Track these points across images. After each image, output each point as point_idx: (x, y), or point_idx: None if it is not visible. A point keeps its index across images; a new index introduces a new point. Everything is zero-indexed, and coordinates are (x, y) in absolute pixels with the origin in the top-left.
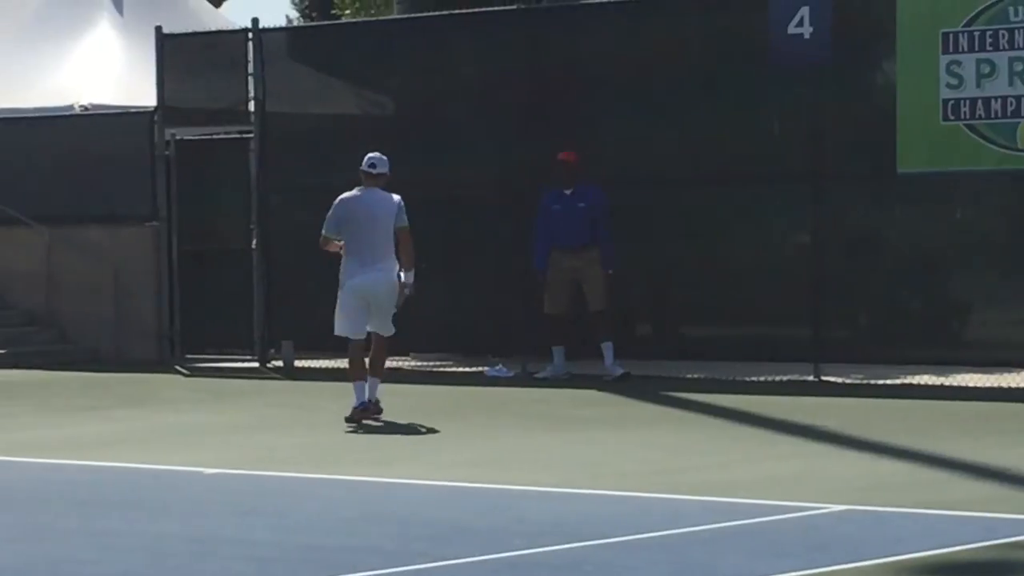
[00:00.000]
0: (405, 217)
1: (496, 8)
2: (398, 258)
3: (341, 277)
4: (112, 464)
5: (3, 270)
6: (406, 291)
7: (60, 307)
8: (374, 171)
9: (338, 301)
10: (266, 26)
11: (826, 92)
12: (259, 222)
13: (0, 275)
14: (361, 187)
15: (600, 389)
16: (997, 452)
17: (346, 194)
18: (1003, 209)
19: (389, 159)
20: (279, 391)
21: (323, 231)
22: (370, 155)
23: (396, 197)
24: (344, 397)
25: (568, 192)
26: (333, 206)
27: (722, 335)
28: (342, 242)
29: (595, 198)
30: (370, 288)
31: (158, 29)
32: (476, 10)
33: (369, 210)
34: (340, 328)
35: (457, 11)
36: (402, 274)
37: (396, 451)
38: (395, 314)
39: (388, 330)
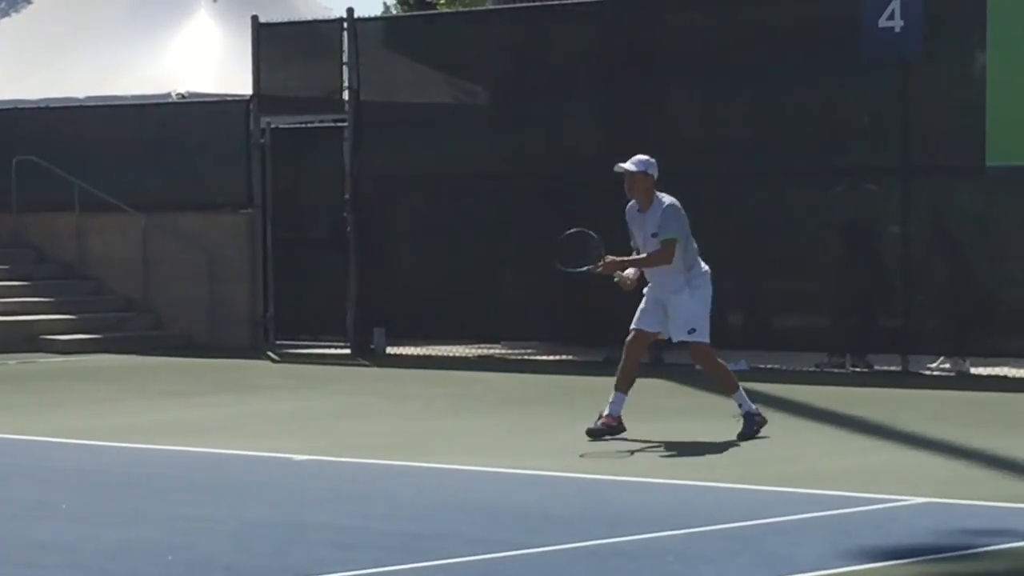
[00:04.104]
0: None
1: (577, 2)
2: None
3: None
4: (202, 450)
5: (101, 256)
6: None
7: (155, 293)
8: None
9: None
10: (362, 15)
11: (916, 84)
12: (353, 210)
13: (97, 261)
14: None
15: (684, 382)
16: None
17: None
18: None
19: (486, 147)
20: (370, 378)
21: (674, 236)
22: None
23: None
24: (433, 384)
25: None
26: (681, 210)
27: (812, 326)
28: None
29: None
30: None
31: (254, 18)
32: (566, 2)
33: None
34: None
35: (551, 2)
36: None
37: (483, 439)
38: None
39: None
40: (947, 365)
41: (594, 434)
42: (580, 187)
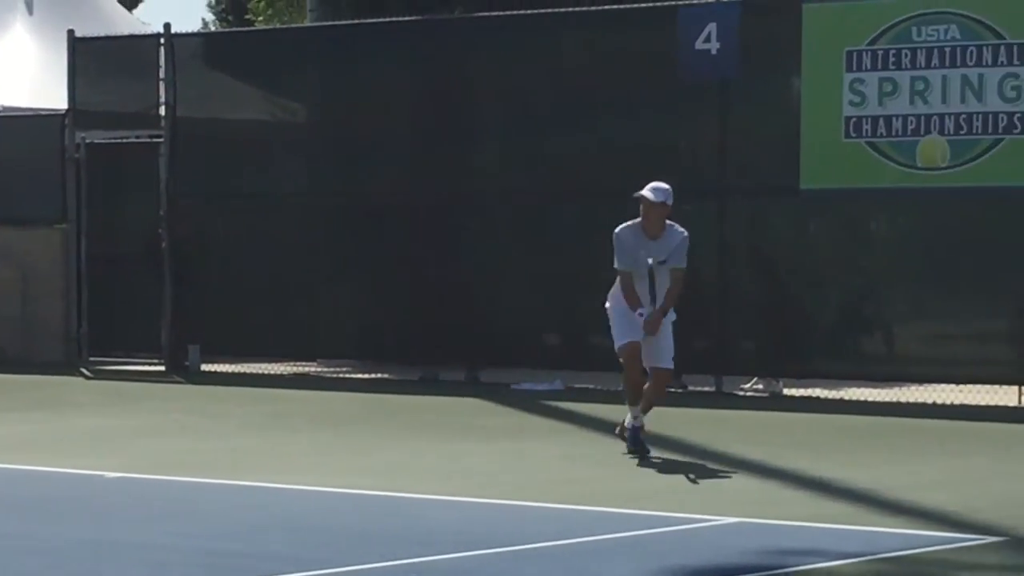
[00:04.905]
0: None
1: (406, 19)
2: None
3: None
4: (12, 467)
5: None
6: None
7: None
8: None
9: None
10: (179, 31)
11: (733, 108)
12: (168, 227)
13: None
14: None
15: (500, 401)
16: (887, 468)
17: None
18: (903, 226)
19: (303, 165)
20: (184, 395)
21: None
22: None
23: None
24: (248, 402)
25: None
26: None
27: None
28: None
29: None
30: None
31: (70, 33)
32: (387, 19)
33: None
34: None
35: (368, 20)
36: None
37: (299, 458)
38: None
39: None
40: (760, 386)
41: (637, 452)
42: (395, 207)
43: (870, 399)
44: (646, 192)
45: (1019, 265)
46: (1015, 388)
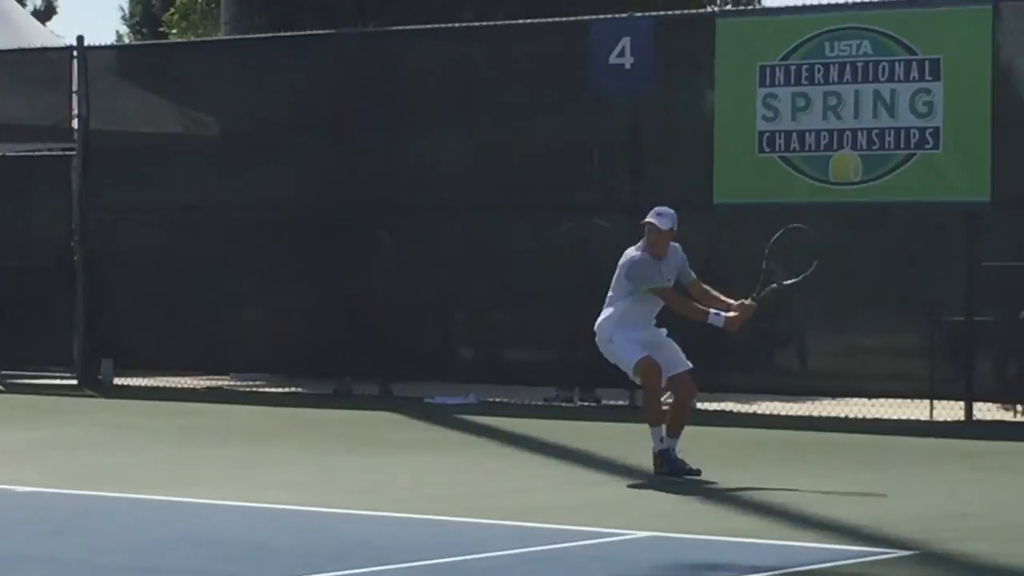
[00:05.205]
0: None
1: (319, 32)
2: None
3: None
4: None
5: None
6: None
7: None
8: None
9: None
10: (93, 43)
11: (646, 122)
12: (81, 240)
13: None
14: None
15: (414, 415)
16: (800, 482)
17: None
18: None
19: (216, 179)
20: (97, 409)
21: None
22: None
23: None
24: (160, 416)
25: None
26: None
27: (541, 360)
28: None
29: None
30: None
31: None
32: (300, 33)
33: None
34: None
35: (282, 34)
36: None
37: (210, 471)
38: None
39: None
40: (672, 400)
41: (675, 474)
42: (309, 221)
43: (783, 413)
44: (653, 219)
45: (931, 280)
46: (927, 402)
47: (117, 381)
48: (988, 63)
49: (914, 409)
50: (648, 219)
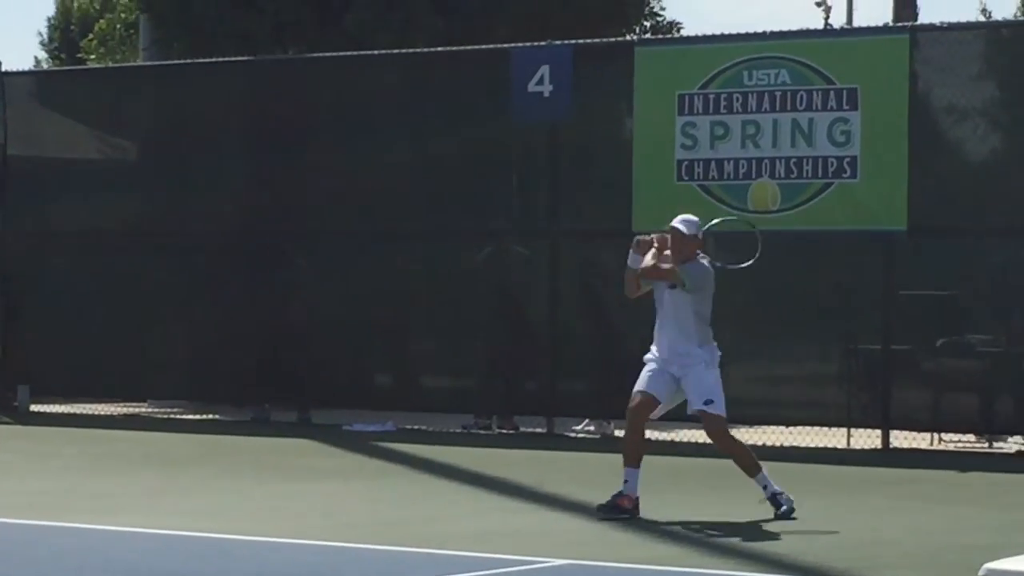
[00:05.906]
0: None
1: (238, 59)
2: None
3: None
4: None
5: None
6: None
7: None
8: None
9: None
10: (10, 69)
11: (565, 150)
12: None
13: None
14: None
15: (332, 442)
16: (718, 510)
17: None
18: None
19: (134, 205)
20: (12, 436)
21: (685, 280)
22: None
23: None
24: (77, 442)
25: None
26: (710, 275)
27: (459, 387)
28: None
29: None
30: None
31: None
32: (219, 59)
33: None
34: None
35: (200, 60)
36: None
37: (127, 499)
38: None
39: None
40: (592, 427)
41: (605, 511)
42: (226, 246)
43: (701, 440)
44: (679, 225)
45: (848, 308)
46: (843, 430)
47: (33, 408)
48: (905, 92)
49: (831, 437)
50: (673, 223)
